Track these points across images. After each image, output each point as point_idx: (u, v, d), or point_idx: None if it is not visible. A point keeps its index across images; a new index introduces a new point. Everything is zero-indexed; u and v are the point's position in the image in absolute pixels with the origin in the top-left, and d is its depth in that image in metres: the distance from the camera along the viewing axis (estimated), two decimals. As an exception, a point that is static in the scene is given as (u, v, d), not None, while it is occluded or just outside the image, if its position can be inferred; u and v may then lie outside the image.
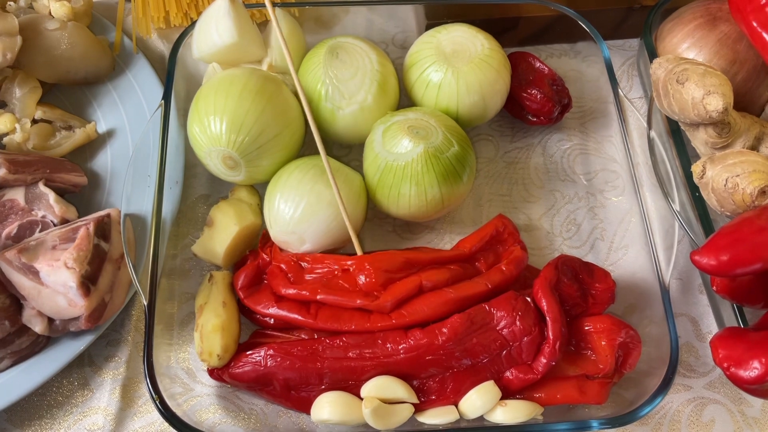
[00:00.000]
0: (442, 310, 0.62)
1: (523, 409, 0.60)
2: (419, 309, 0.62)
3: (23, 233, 0.65)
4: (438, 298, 0.62)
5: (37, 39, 0.74)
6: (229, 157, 0.66)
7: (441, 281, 0.63)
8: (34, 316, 0.62)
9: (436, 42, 0.72)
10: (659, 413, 0.66)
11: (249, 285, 0.65)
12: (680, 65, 0.63)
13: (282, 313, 0.63)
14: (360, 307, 0.62)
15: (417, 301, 0.63)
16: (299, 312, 0.63)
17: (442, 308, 0.62)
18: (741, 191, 0.59)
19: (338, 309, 0.63)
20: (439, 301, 0.62)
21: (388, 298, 0.62)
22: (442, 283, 0.63)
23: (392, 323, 0.61)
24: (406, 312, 0.62)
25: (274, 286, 0.65)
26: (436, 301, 0.62)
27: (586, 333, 0.62)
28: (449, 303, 0.62)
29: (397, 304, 0.62)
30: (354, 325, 0.62)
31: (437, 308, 0.62)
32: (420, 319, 0.62)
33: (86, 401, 0.65)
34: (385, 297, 0.62)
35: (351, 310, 0.63)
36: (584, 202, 0.75)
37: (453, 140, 0.66)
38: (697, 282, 0.72)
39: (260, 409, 0.64)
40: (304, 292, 0.63)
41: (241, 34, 0.71)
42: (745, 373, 0.53)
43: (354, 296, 0.63)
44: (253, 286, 0.66)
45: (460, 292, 0.63)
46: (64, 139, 0.74)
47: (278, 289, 0.64)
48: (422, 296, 0.63)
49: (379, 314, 0.62)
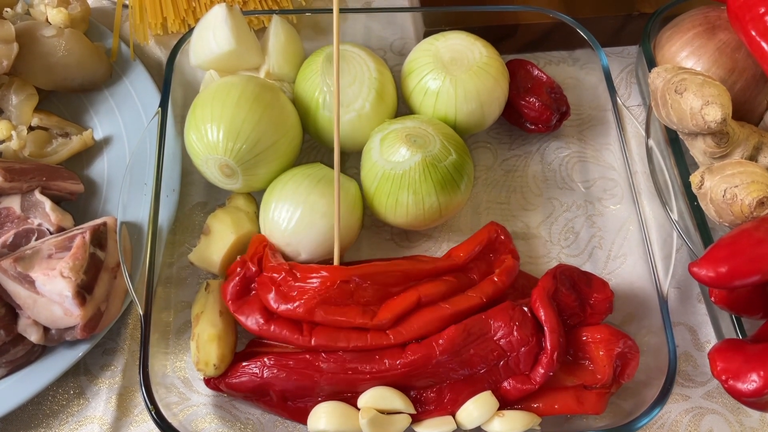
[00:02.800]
0: (439, 326, 0.61)
1: (521, 420, 0.59)
2: (416, 327, 0.61)
3: (19, 241, 0.65)
4: (435, 315, 0.62)
5: (34, 46, 0.73)
6: (226, 165, 0.65)
7: (437, 294, 0.63)
8: (29, 325, 0.62)
9: (435, 49, 0.72)
10: (657, 423, 0.66)
11: (238, 297, 0.63)
12: (678, 75, 0.63)
13: (275, 332, 0.61)
14: (359, 326, 0.61)
15: (414, 319, 0.62)
16: (292, 331, 0.61)
17: (439, 324, 0.61)
18: (739, 202, 0.59)
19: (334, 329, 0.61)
20: (435, 318, 0.61)
21: (387, 315, 0.61)
22: (438, 297, 0.63)
23: (390, 341, 0.61)
24: (404, 330, 0.61)
25: (265, 300, 0.62)
26: (433, 317, 0.61)
27: (584, 343, 0.62)
28: (445, 319, 0.62)
29: (396, 321, 0.61)
30: (351, 345, 0.60)
31: (434, 324, 0.61)
32: (417, 335, 0.61)
33: (82, 410, 0.65)
34: (384, 314, 0.61)
35: (347, 330, 0.61)
36: (582, 211, 0.75)
37: (451, 149, 0.66)
38: (695, 291, 0.72)
39: (257, 418, 0.64)
40: (298, 310, 0.61)
41: (238, 42, 0.70)
42: (744, 385, 0.52)
43: (353, 315, 0.61)
44: (243, 298, 0.63)
45: (456, 306, 0.62)
46: (61, 147, 0.74)
47: (269, 303, 0.62)
48: (419, 313, 0.62)
49: (377, 332, 0.61)
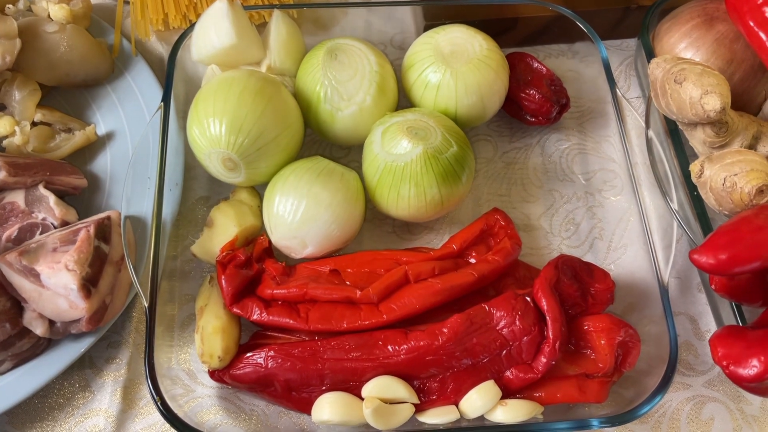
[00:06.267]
0: (431, 301, 0.62)
1: (524, 409, 0.60)
2: (408, 302, 0.62)
3: (23, 236, 0.66)
4: (426, 290, 0.63)
5: (36, 42, 0.74)
6: (228, 158, 0.66)
7: (427, 272, 0.64)
8: (34, 318, 0.62)
9: (435, 43, 0.72)
10: (659, 411, 0.66)
11: (235, 292, 0.63)
12: (678, 65, 0.63)
13: (272, 319, 0.63)
14: (347, 296, 0.63)
15: (405, 293, 0.63)
16: (290, 315, 0.63)
17: (431, 299, 0.62)
18: (739, 190, 0.59)
19: (329, 309, 0.63)
20: (427, 293, 0.63)
21: (374, 288, 0.63)
22: (427, 274, 0.64)
23: (383, 318, 0.62)
24: (395, 305, 0.62)
25: (261, 290, 0.65)
26: (424, 292, 0.63)
27: (586, 332, 0.63)
28: (437, 293, 0.62)
29: (384, 293, 0.63)
30: (346, 323, 0.62)
31: (426, 299, 0.62)
32: (410, 311, 0.62)
33: (87, 403, 0.65)
34: (371, 288, 0.63)
35: (341, 308, 0.63)
36: (583, 202, 0.76)
37: (452, 141, 0.66)
38: (696, 281, 0.72)
39: (261, 410, 0.64)
40: (293, 290, 0.63)
41: (239, 36, 0.71)
42: (745, 371, 0.53)
43: (342, 290, 0.63)
44: (240, 293, 0.64)
45: (447, 282, 0.63)
46: (64, 142, 0.74)
47: (265, 292, 0.64)
48: (409, 288, 0.63)
49: (369, 310, 0.63)
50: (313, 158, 0.70)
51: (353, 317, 0.62)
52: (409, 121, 0.67)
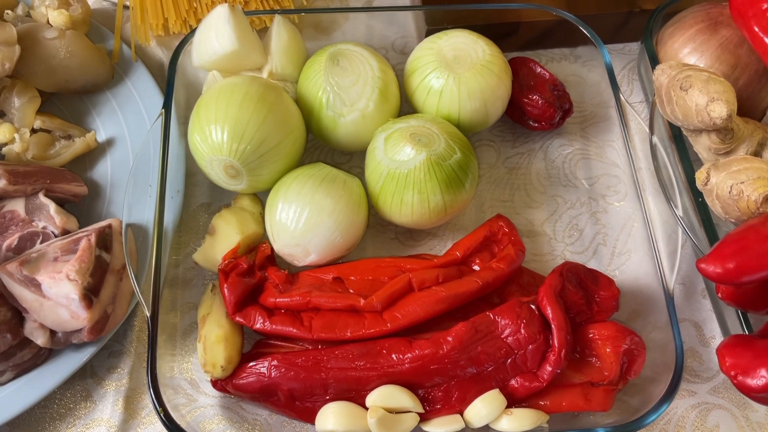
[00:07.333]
0: (435, 309, 0.62)
1: (529, 417, 0.59)
2: (412, 310, 0.62)
3: (24, 245, 0.65)
4: (430, 298, 0.62)
5: (36, 48, 0.73)
6: (230, 166, 0.65)
7: (431, 280, 0.64)
8: (36, 328, 0.62)
9: (437, 48, 0.72)
10: (664, 419, 0.66)
11: (237, 300, 0.63)
12: (683, 72, 0.63)
13: (276, 328, 0.62)
14: (351, 304, 0.62)
15: (409, 302, 0.63)
16: (293, 324, 0.62)
17: (435, 307, 0.62)
18: (746, 198, 0.59)
19: (332, 317, 0.63)
20: (431, 301, 0.62)
21: (378, 295, 0.62)
22: (431, 282, 0.64)
23: (387, 327, 0.61)
24: (399, 314, 0.62)
25: (264, 299, 0.64)
26: (428, 300, 0.62)
27: (591, 340, 0.62)
28: (441, 301, 0.62)
29: (387, 302, 0.63)
30: (349, 332, 0.61)
31: (430, 307, 0.62)
32: (414, 320, 0.62)
33: (89, 413, 0.65)
34: (375, 296, 0.63)
35: (345, 317, 0.62)
36: (586, 208, 0.75)
37: (455, 147, 0.66)
38: (700, 287, 0.72)
39: (264, 419, 0.64)
40: (296, 299, 0.63)
41: (241, 42, 0.70)
42: (753, 381, 0.52)
43: (345, 298, 0.63)
44: (242, 301, 0.64)
45: (451, 290, 0.63)
46: (64, 149, 0.73)
47: (268, 301, 0.64)
48: (413, 296, 0.63)
49: (373, 318, 0.62)
50: (316, 165, 0.69)
51: (357, 326, 0.62)
52: (413, 128, 0.67)
